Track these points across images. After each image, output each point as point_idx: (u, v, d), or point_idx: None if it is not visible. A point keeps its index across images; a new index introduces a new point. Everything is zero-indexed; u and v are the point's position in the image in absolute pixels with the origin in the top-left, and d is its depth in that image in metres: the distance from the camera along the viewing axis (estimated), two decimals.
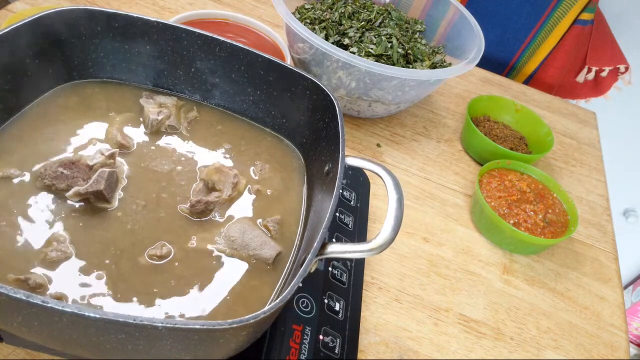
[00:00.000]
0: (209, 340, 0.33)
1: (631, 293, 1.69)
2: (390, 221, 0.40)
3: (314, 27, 0.76)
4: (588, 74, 1.12)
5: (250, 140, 0.57)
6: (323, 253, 0.39)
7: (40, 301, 0.29)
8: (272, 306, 0.33)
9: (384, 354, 0.53)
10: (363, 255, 0.40)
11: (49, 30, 0.50)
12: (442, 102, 0.90)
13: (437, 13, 0.87)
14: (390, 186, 0.43)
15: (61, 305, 0.29)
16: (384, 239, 0.39)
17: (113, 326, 0.30)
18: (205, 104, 0.59)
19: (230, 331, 0.32)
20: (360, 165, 0.46)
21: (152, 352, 0.34)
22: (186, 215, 0.48)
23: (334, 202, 0.40)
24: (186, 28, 0.54)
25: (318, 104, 0.52)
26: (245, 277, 0.45)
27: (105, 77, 0.57)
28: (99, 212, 0.46)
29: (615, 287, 0.68)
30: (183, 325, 0.30)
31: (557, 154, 0.88)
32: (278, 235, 0.49)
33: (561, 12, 1.04)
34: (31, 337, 0.36)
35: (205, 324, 0.30)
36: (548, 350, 0.58)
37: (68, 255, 0.42)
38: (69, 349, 0.37)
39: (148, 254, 0.44)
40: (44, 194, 0.45)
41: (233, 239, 0.46)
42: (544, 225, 0.65)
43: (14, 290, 0.29)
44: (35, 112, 0.51)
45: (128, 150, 0.52)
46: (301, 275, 0.35)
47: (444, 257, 0.64)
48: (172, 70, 0.57)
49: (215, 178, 0.50)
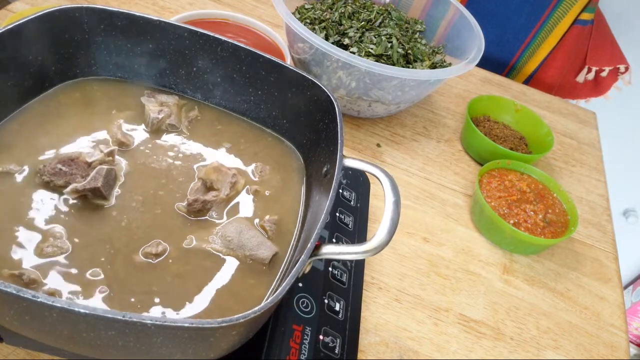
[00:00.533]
0: (199, 339, 0.33)
1: (631, 293, 1.69)
2: (386, 223, 0.40)
3: (314, 27, 0.76)
4: (588, 74, 1.12)
5: (250, 140, 0.57)
6: (317, 254, 0.39)
7: (31, 295, 0.29)
8: (263, 306, 0.33)
9: (384, 354, 0.53)
10: (358, 257, 0.40)
11: (53, 28, 0.50)
12: (442, 102, 0.90)
13: (437, 13, 0.87)
14: (388, 188, 0.43)
15: (51, 300, 0.29)
16: (379, 241, 0.39)
17: (102, 322, 0.30)
18: (206, 103, 0.59)
19: (219, 330, 0.32)
20: (358, 167, 0.46)
21: (142, 349, 0.34)
22: (183, 214, 0.48)
23: (329, 204, 0.40)
24: (188, 27, 0.54)
25: (318, 105, 0.52)
26: (241, 277, 0.45)
27: (107, 75, 0.57)
28: (96, 209, 0.46)
29: (615, 287, 0.68)
30: (172, 323, 0.30)
31: (557, 154, 0.88)
32: (275, 235, 0.49)
33: (561, 12, 1.04)
34: (23, 331, 0.36)
35: (195, 322, 0.31)
36: (548, 350, 0.58)
37: (64, 250, 0.42)
38: (60, 344, 0.37)
39: (143, 251, 0.44)
40: (42, 190, 0.46)
41: (229, 239, 0.46)
42: (544, 225, 0.65)
43: (5, 284, 0.29)
44: (37, 109, 0.52)
45: (128, 147, 0.52)
46: (293, 275, 0.35)
47: (444, 257, 0.64)
48: (174, 69, 0.57)
49: (213, 177, 0.50)
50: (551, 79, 1.13)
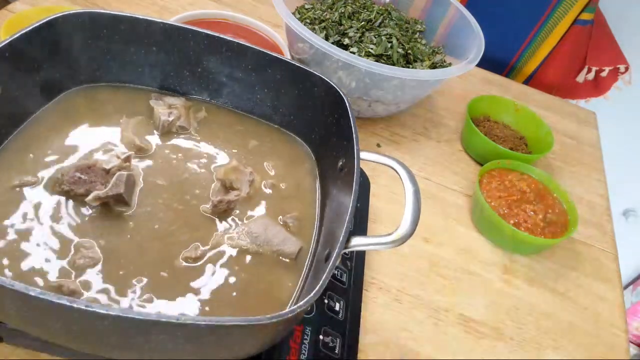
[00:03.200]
0: (249, 336, 0.34)
1: (631, 293, 1.69)
2: (409, 213, 0.41)
3: (314, 27, 0.76)
4: (588, 74, 1.12)
5: (260, 137, 0.58)
6: (347, 246, 0.40)
7: (84, 305, 0.29)
8: (308, 300, 0.33)
9: (384, 354, 0.53)
10: (385, 247, 0.40)
11: (55, 36, 0.50)
12: (442, 102, 0.90)
13: (437, 13, 0.87)
14: (406, 179, 0.44)
15: (105, 309, 0.29)
16: (405, 231, 0.40)
17: (157, 327, 0.30)
18: (213, 103, 0.59)
19: (269, 326, 0.32)
20: (375, 160, 0.46)
21: (188, 350, 0.34)
22: (209, 215, 0.48)
23: (354, 197, 0.41)
24: (192, 28, 0.54)
25: (326, 101, 0.53)
26: (270, 273, 0.46)
27: (111, 80, 0.57)
28: (119, 215, 0.46)
29: (615, 287, 0.68)
30: (226, 323, 0.31)
31: (557, 154, 0.88)
32: (297, 230, 0.50)
33: (561, 12, 1.04)
34: (70, 343, 0.36)
35: (247, 320, 0.31)
36: (548, 350, 0.58)
37: (96, 260, 0.42)
38: (101, 351, 0.37)
39: (183, 256, 0.44)
40: (62, 199, 0.45)
41: (256, 236, 0.47)
42: (544, 225, 0.65)
43: (57, 296, 0.29)
44: (45, 119, 0.51)
45: (146, 153, 0.52)
46: (331, 268, 0.36)
47: (444, 257, 0.64)
48: (179, 70, 0.57)
49: (232, 177, 0.51)
50: (551, 79, 1.13)
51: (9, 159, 0.47)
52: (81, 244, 0.43)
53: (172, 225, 0.46)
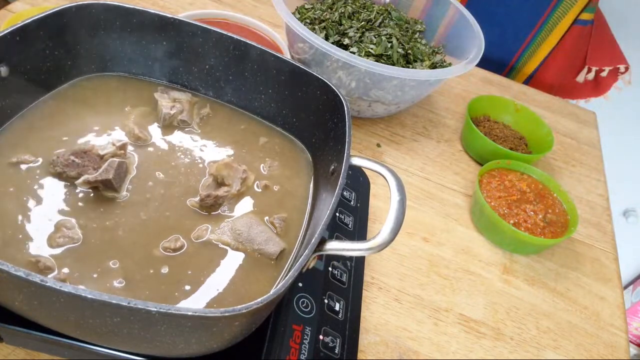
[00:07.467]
0: (202, 328, 0.34)
1: (631, 293, 1.69)
2: (391, 222, 0.40)
3: (314, 27, 0.76)
4: (588, 74, 1.12)
5: (259, 138, 0.58)
6: (321, 249, 0.39)
7: (39, 280, 0.30)
8: (265, 298, 0.33)
9: (384, 354, 0.53)
10: (361, 253, 0.40)
11: (68, 24, 0.51)
12: (442, 102, 0.90)
13: (437, 13, 0.87)
14: (394, 187, 0.43)
15: (59, 285, 0.30)
16: (382, 239, 0.39)
17: (109, 308, 0.31)
18: (218, 100, 0.60)
19: (222, 320, 0.32)
20: (364, 165, 0.46)
21: (146, 338, 0.34)
22: (195, 208, 0.49)
23: (334, 201, 0.41)
24: (202, 25, 0.55)
25: (328, 104, 0.53)
26: (249, 271, 0.46)
27: (121, 71, 0.58)
28: (108, 201, 0.47)
29: (615, 287, 0.68)
30: (176, 311, 0.31)
31: (557, 154, 0.88)
32: (283, 232, 0.49)
33: (561, 12, 1.04)
34: (32, 315, 0.37)
35: (198, 311, 0.31)
36: (548, 350, 0.58)
37: (75, 240, 0.43)
38: (67, 330, 0.38)
39: (163, 246, 0.45)
40: (55, 180, 0.46)
41: (239, 233, 0.47)
42: (544, 225, 0.65)
43: (16, 268, 0.30)
44: (51, 103, 0.52)
45: (144, 143, 0.53)
46: (297, 269, 0.35)
47: (444, 257, 0.64)
48: (187, 66, 0.58)
49: (224, 173, 0.51)
50: (551, 79, 1.13)
51: (13, 137, 0.48)
52: (63, 223, 0.43)
53: (158, 215, 0.47)
